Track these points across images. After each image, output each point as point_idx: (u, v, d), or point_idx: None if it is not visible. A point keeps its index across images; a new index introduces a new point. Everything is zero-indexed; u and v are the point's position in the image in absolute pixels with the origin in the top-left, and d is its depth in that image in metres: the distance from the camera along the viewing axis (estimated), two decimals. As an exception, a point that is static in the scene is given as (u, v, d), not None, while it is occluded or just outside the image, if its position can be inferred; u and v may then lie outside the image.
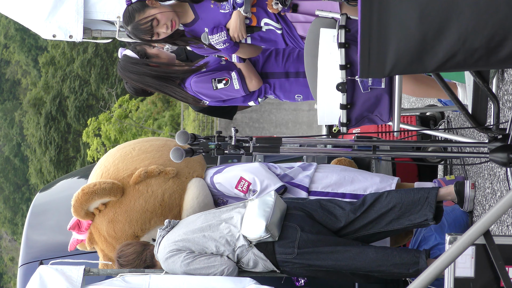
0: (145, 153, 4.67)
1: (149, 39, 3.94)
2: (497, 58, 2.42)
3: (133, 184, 4.48)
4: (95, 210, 4.47)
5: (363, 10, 2.39)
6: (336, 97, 3.46)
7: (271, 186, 4.48)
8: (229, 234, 4.04)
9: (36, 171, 37.03)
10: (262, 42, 4.03)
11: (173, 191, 4.52)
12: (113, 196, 4.42)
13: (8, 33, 41.22)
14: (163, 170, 4.53)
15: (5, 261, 39.92)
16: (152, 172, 4.51)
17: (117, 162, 4.64)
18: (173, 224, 4.22)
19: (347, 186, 4.56)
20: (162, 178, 4.53)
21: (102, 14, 5.22)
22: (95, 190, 4.37)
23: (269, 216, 3.95)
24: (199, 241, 4.06)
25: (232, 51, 3.99)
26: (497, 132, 3.35)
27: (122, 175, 4.52)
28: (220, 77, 4.07)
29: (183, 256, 4.04)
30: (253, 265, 4.05)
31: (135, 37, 3.95)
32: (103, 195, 4.39)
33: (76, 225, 4.57)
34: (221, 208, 4.26)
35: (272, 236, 3.97)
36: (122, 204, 4.44)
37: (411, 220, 4.05)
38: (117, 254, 4.27)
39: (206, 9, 4.00)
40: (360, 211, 4.08)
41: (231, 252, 4.03)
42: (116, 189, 4.42)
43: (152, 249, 4.27)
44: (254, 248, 4.02)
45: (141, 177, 4.48)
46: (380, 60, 2.46)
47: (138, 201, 4.46)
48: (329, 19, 3.63)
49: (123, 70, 4.15)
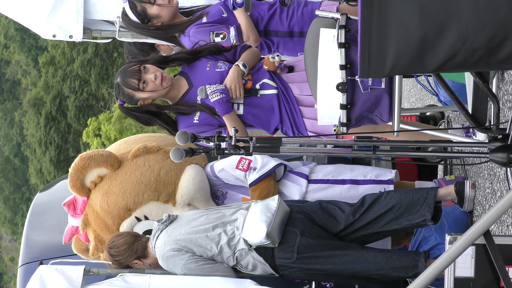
0: (149, 136, 4.77)
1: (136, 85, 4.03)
2: (497, 59, 2.42)
3: (131, 157, 4.52)
4: (91, 184, 4.48)
5: (363, 10, 2.39)
6: (336, 97, 3.46)
7: (271, 162, 4.49)
8: (232, 236, 4.03)
9: (36, 171, 37.02)
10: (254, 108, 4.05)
11: (170, 169, 4.53)
12: (110, 166, 4.44)
13: (8, 33, 41.20)
14: (162, 148, 4.57)
15: (5, 261, 39.91)
16: (152, 148, 4.56)
17: (119, 144, 4.74)
18: (172, 218, 4.20)
19: (347, 173, 4.57)
20: (161, 156, 4.57)
21: (102, 14, 5.22)
22: (93, 155, 4.41)
23: (270, 222, 3.94)
24: (202, 242, 4.04)
25: (225, 107, 4.00)
26: (497, 132, 3.35)
27: (123, 151, 4.60)
28: (218, 31, 4.06)
29: (185, 259, 4.03)
30: (252, 268, 4.05)
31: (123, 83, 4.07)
32: (100, 162, 4.41)
33: (71, 202, 4.56)
34: (223, 207, 4.25)
35: (272, 242, 3.96)
36: (117, 175, 4.47)
37: (410, 220, 4.05)
38: (108, 245, 4.24)
39: (201, 74, 4.10)
40: (360, 213, 4.08)
41: (231, 255, 4.03)
42: (113, 158, 4.46)
43: (144, 240, 4.23)
44: (254, 252, 4.01)
45: (140, 151, 4.53)
46: (380, 60, 2.46)
47: (134, 173, 4.48)
48: (329, 19, 3.64)
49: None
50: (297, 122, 4.05)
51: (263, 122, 4.09)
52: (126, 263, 4.21)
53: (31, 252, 5.14)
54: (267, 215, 3.96)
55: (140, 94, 4.11)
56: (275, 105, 4.04)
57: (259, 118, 4.07)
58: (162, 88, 4.10)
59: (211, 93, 4.03)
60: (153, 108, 4.15)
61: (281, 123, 4.09)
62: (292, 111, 4.04)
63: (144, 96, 4.11)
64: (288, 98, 4.04)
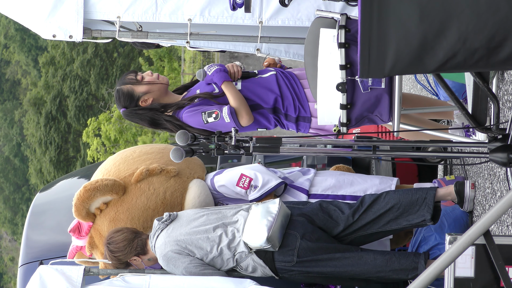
0: (146, 154, 4.68)
1: (134, 78, 4.13)
2: (497, 59, 2.42)
3: (134, 182, 4.48)
4: (96, 210, 4.46)
5: (363, 10, 2.39)
6: (336, 97, 3.46)
7: (272, 181, 4.47)
8: (232, 238, 4.03)
9: (36, 171, 37.03)
10: (252, 84, 4.06)
11: (174, 190, 4.52)
12: (115, 194, 4.41)
13: (8, 33, 41.21)
14: (164, 169, 4.53)
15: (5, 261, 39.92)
16: (154, 170, 4.51)
17: (118, 164, 4.63)
18: (172, 217, 4.19)
19: (347, 188, 4.55)
20: (163, 177, 4.54)
21: (102, 14, 5.21)
22: (97, 186, 4.36)
23: (271, 226, 3.93)
24: (202, 243, 4.04)
25: (224, 74, 4.02)
26: (497, 132, 3.36)
27: (124, 174, 4.52)
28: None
29: (186, 263, 4.02)
30: (252, 270, 4.04)
31: (121, 83, 4.19)
32: (105, 192, 4.38)
33: (76, 228, 4.54)
34: (223, 207, 4.25)
35: (272, 246, 3.95)
36: (123, 202, 4.44)
37: (409, 220, 4.05)
38: (107, 241, 4.21)
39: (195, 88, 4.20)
40: (359, 214, 4.08)
41: (231, 257, 4.02)
42: (118, 186, 4.41)
43: (143, 237, 4.22)
44: (254, 254, 4.00)
45: (143, 175, 4.48)
46: (380, 60, 2.46)
47: (140, 198, 4.45)
48: (329, 19, 3.64)
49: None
50: (298, 94, 4.03)
51: (262, 97, 4.07)
52: (125, 259, 4.19)
53: (31, 252, 5.14)
54: (268, 219, 3.95)
55: (139, 87, 4.14)
56: (273, 81, 4.05)
57: (257, 94, 4.06)
58: (159, 82, 4.15)
59: (208, 68, 4.05)
60: (156, 106, 4.16)
61: (282, 98, 4.06)
62: (293, 84, 4.04)
63: (143, 90, 4.13)
64: (288, 74, 4.05)
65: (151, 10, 5.15)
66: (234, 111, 3.99)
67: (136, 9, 5.16)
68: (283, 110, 4.05)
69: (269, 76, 4.09)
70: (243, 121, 4.02)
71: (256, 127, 4.14)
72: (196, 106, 4.09)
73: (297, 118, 4.05)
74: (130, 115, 4.22)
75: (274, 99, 4.04)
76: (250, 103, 4.06)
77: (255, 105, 4.06)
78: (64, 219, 4.77)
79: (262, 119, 4.10)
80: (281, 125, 4.13)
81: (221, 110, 4.01)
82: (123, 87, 4.16)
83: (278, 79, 4.06)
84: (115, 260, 4.20)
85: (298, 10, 5.13)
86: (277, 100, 4.04)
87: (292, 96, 4.05)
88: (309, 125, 4.06)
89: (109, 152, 27.15)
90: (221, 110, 4.01)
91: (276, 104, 4.05)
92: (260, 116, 4.09)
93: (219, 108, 4.02)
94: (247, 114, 4.02)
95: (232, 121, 4.00)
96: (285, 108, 4.07)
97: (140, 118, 4.20)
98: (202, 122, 4.06)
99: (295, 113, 4.04)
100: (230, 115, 3.98)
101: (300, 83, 4.03)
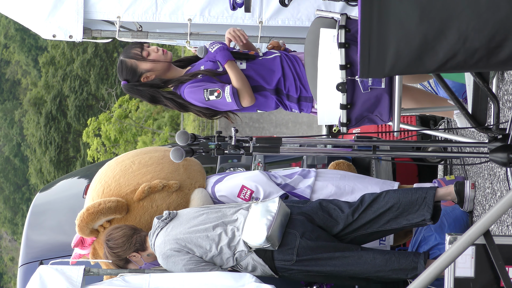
0: (146, 166, 4.63)
1: (139, 53, 4.06)
2: (497, 59, 2.42)
3: (137, 200, 4.46)
4: (100, 227, 4.45)
5: (363, 10, 2.39)
6: (336, 97, 3.46)
7: (274, 194, 4.45)
8: (232, 237, 4.03)
9: (36, 171, 37.04)
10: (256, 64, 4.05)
11: (177, 204, 4.51)
12: (119, 214, 4.41)
13: (8, 33, 41.21)
14: (166, 184, 4.50)
15: (5, 261, 39.92)
16: (156, 187, 4.49)
17: (118, 177, 4.58)
18: (172, 216, 4.19)
19: (347, 196, 4.53)
20: (165, 192, 4.51)
21: (102, 14, 5.22)
22: (101, 209, 4.35)
23: (271, 225, 3.93)
24: (202, 242, 4.04)
25: (227, 53, 3.99)
26: (497, 132, 3.36)
27: (125, 191, 4.50)
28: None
29: (185, 260, 4.02)
30: (251, 269, 4.04)
31: (126, 56, 4.12)
32: (109, 214, 4.37)
33: (79, 242, 4.54)
34: (223, 206, 4.24)
35: (272, 245, 3.96)
36: (127, 221, 4.43)
37: (409, 220, 4.05)
38: (106, 237, 4.21)
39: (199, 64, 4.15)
40: (359, 213, 4.08)
41: (231, 256, 4.02)
42: (121, 206, 4.40)
43: (143, 234, 4.21)
44: (253, 253, 4.00)
45: (145, 193, 4.46)
46: (380, 60, 2.46)
47: (144, 217, 4.44)
48: (329, 19, 3.64)
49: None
50: (300, 75, 4.00)
51: (265, 77, 4.04)
52: (124, 255, 4.18)
53: (31, 252, 5.13)
54: (267, 218, 3.95)
55: (143, 64, 4.10)
56: (277, 63, 4.03)
57: (260, 74, 4.03)
58: (164, 59, 4.10)
59: (210, 45, 4.02)
60: (157, 81, 4.12)
61: (284, 78, 4.03)
62: (296, 66, 4.02)
63: (147, 67, 4.09)
64: (291, 57, 4.03)
65: (151, 10, 5.16)
66: (236, 91, 3.98)
67: (136, 9, 5.17)
68: (285, 91, 4.04)
69: (273, 57, 4.07)
70: (244, 102, 4.00)
71: (256, 108, 4.12)
72: (198, 82, 4.06)
73: (299, 98, 4.03)
74: (131, 90, 4.16)
75: (277, 80, 4.02)
76: (253, 84, 4.04)
77: (257, 87, 4.04)
78: (64, 219, 4.77)
79: (264, 100, 4.08)
80: (284, 106, 4.11)
81: (223, 89, 3.99)
82: (127, 61, 4.11)
83: (282, 61, 4.04)
84: (114, 256, 4.19)
85: (298, 10, 5.15)
86: (279, 81, 4.02)
87: (294, 77, 4.02)
88: (311, 104, 4.03)
89: (109, 152, 27.17)
90: (223, 89, 3.99)
91: (278, 85, 4.03)
92: (261, 97, 4.07)
93: (222, 87, 4.00)
94: (249, 95, 4.00)
95: (234, 102, 3.98)
96: (287, 88, 4.04)
97: (141, 94, 4.15)
98: (203, 99, 4.03)
99: (296, 93, 4.02)
100: (232, 95, 3.96)
101: (303, 65, 4.02)
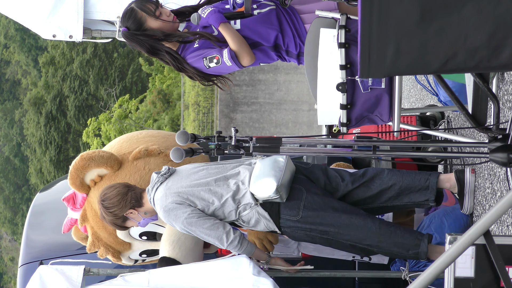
0: (151, 136, 4.73)
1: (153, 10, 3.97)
2: (498, 62, 2.42)
3: (132, 159, 4.51)
4: (91, 182, 4.47)
5: (363, 10, 2.39)
6: (336, 97, 3.46)
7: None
8: (236, 190, 4.01)
9: (36, 171, 37.02)
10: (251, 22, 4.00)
11: None
12: (110, 167, 4.43)
13: (8, 33, 41.21)
14: (163, 152, 4.56)
15: (5, 261, 39.91)
16: (153, 151, 4.54)
17: (122, 142, 4.70)
18: (171, 171, 4.15)
19: None
20: (161, 159, 4.55)
21: (102, 14, 5.22)
22: (93, 156, 4.40)
23: (280, 177, 3.92)
24: (204, 195, 4.01)
25: (219, 16, 3.92)
26: (497, 132, 3.36)
27: (124, 151, 4.58)
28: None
29: (187, 213, 3.98)
30: (254, 223, 4.03)
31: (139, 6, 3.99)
32: (100, 163, 4.40)
33: (71, 197, 4.56)
34: (222, 162, 4.21)
35: (280, 198, 3.94)
36: (117, 177, 4.45)
37: (411, 198, 4.05)
38: (101, 198, 4.15)
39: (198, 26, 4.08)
40: (359, 183, 4.08)
41: (234, 209, 4.00)
42: (113, 160, 4.44)
43: (138, 190, 4.17)
44: (259, 206, 3.99)
45: (141, 154, 4.51)
46: (380, 60, 2.46)
47: (134, 176, 4.47)
48: (329, 19, 3.64)
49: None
50: (299, 30, 3.97)
51: (262, 34, 3.99)
52: (121, 213, 4.12)
53: (31, 252, 5.14)
54: (276, 170, 3.95)
55: (152, 22, 4.02)
56: (273, 17, 3.97)
57: (257, 31, 3.98)
58: (172, 26, 4.05)
59: (202, 11, 3.97)
60: (158, 33, 4.03)
61: (282, 34, 3.99)
62: (293, 19, 3.97)
63: (154, 26, 4.01)
64: (288, 9, 3.98)
65: (151, 10, 5.15)
66: (235, 53, 3.96)
67: (136, 9, 5.15)
68: (284, 47, 4.01)
69: (269, 10, 4.02)
70: (244, 62, 3.96)
71: (258, 62, 4.09)
72: (197, 51, 4.04)
73: (298, 54, 4.02)
74: (131, 37, 4.06)
75: (274, 36, 3.98)
76: (250, 42, 3.99)
77: (255, 43, 4.00)
78: (64, 219, 4.77)
79: (263, 55, 4.04)
80: (283, 59, 4.09)
81: (221, 55, 3.96)
82: (138, 11, 4.03)
83: (278, 14, 4.00)
84: (111, 216, 4.14)
85: (298, 10, 5.13)
86: (277, 37, 3.98)
87: (293, 33, 3.98)
88: None
89: (109, 152, 27.08)
90: (221, 54, 3.96)
91: (277, 41, 3.99)
92: (261, 53, 4.03)
93: (219, 52, 3.96)
94: (248, 54, 3.95)
95: (234, 64, 3.94)
96: (286, 44, 4.01)
97: (140, 44, 4.05)
98: (204, 68, 4.01)
99: (296, 50, 4.00)
100: (231, 58, 3.93)
101: (300, 18, 3.99)
